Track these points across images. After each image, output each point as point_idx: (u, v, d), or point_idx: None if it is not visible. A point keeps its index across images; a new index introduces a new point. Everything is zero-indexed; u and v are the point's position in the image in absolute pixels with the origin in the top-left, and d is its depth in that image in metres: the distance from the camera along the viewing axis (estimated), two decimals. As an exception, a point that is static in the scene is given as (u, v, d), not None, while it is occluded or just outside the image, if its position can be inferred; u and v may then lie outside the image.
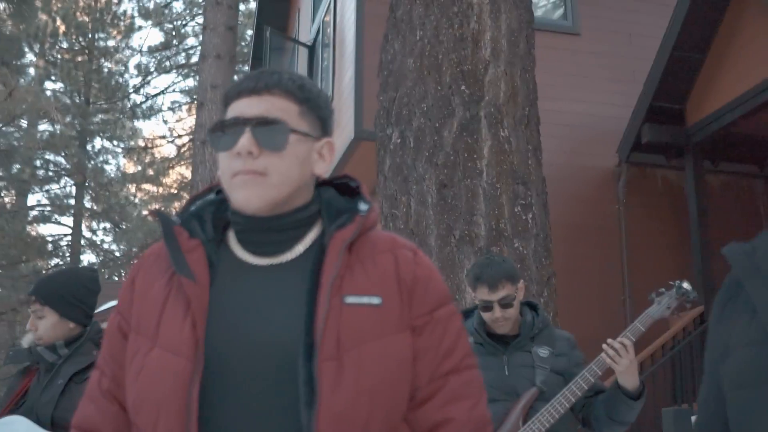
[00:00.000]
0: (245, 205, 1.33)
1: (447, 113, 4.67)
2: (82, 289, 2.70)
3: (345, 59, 8.33)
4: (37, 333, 2.65)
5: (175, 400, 1.25)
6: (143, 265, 1.42)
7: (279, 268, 1.36)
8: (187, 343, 1.27)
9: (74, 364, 2.62)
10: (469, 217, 4.51)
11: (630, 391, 2.76)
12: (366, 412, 1.26)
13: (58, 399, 2.52)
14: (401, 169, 4.73)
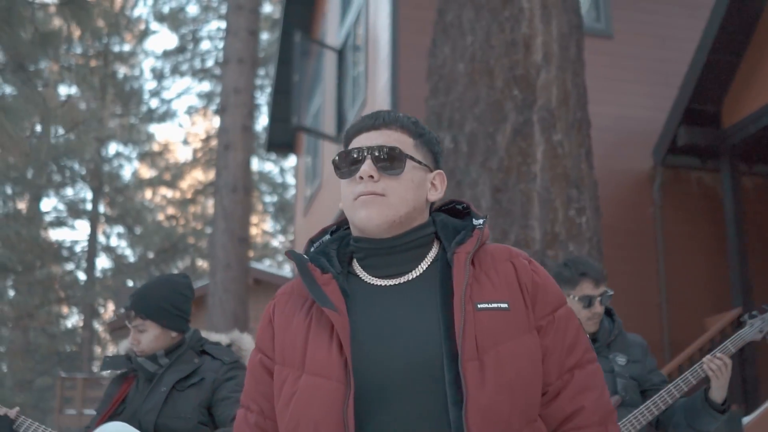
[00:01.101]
0: (367, 222, 1.48)
1: (500, 118, 4.68)
2: (180, 298, 2.71)
3: (379, 64, 8.34)
4: (139, 347, 2.66)
5: (332, 418, 1.38)
6: (278, 304, 1.57)
7: (407, 286, 1.50)
8: (336, 367, 1.40)
9: (176, 372, 2.64)
10: (524, 222, 4.51)
11: (718, 404, 2.77)
12: (508, 406, 1.39)
13: (162, 407, 2.54)
14: (454, 174, 4.74)
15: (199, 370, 2.64)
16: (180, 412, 2.54)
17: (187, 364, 2.67)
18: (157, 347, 2.67)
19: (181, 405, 2.56)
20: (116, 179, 28.99)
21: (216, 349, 2.73)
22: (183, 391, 2.59)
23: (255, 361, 1.56)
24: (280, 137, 14.13)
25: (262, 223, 29.00)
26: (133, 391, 2.69)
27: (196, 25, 28.50)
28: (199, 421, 2.55)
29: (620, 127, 8.21)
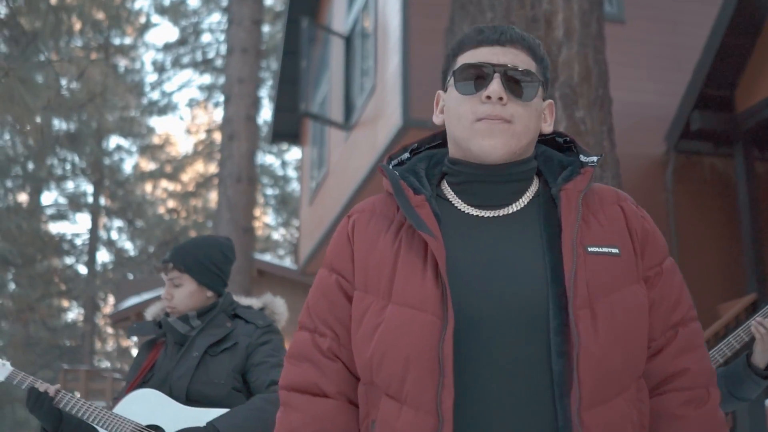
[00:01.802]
0: (490, 152, 1.34)
1: (521, 94, 4.62)
2: (221, 257, 2.62)
3: (389, 48, 8.28)
4: (171, 302, 2.57)
5: (425, 355, 1.25)
6: (357, 222, 1.42)
7: (507, 220, 1.36)
8: (432, 298, 1.27)
9: (209, 336, 2.54)
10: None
11: (761, 370, 2.72)
12: (620, 359, 1.28)
13: (194, 372, 2.46)
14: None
15: (232, 335, 2.55)
16: (213, 378, 2.45)
17: (219, 328, 2.56)
18: (190, 305, 2.57)
19: (214, 370, 2.47)
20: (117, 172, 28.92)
21: (249, 313, 2.63)
22: (216, 356, 2.50)
23: (329, 282, 1.41)
24: (285, 127, 14.06)
25: (264, 215, 28.95)
26: (162, 357, 2.61)
27: (197, 17, 28.40)
28: (233, 387, 2.46)
29: (633, 112, 8.16)
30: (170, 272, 2.57)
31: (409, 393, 1.26)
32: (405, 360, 1.26)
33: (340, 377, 1.38)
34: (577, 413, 1.21)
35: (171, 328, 2.57)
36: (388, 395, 1.29)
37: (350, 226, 1.43)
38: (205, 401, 2.41)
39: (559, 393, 1.23)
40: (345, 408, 1.36)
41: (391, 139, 7.84)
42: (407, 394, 1.26)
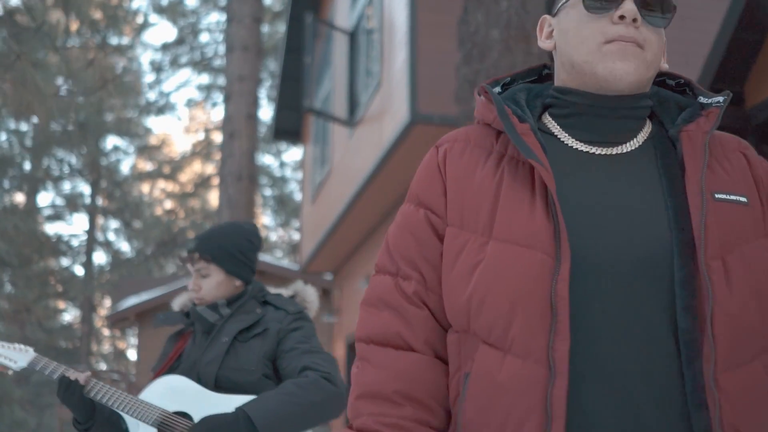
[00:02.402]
0: (621, 76, 1.20)
1: (538, 84, 4.56)
2: (248, 245, 2.56)
3: (395, 44, 8.21)
4: (199, 293, 2.50)
5: (536, 297, 1.10)
6: (450, 153, 1.27)
7: (621, 159, 1.22)
8: (543, 234, 1.12)
9: (238, 322, 2.48)
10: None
11: None
12: (758, 317, 1.15)
13: (223, 358, 2.40)
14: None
15: (262, 321, 2.48)
16: (243, 364, 2.39)
17: (249, 314, 2.50)
18: (218, 295, 2.50)
19: (244, 356, 2.41)
20: (114, 173, 28.82)
21: (279, 300, 2.57)
22: (245, 342, 2.44)
23: (417, 217, 1.25)
24: (287, 125, 13.99)
25: (262, 216, 28.87)
26: (190, 345, 2.55)
27: (195, 17, 28.33)
28: (263, 373, 2.40)
29: (641, 107, 8.11)
30: (197, 263, 2.50)
31: (514, 340, 1.11)
32: (510, 302, 1.11)
33: (426, 327, 1.22)
34: (711, 375, 1.08)
35: (200, 317, 2.50)
36: (487, 343, 1.14)
37: (441, 157, 1.28)
38: (234, 388, 2.36)
39: (688, 353, 1.10)
40: (432, 363, 1.21)
41: (397, 135, 7.78)
42: (512, 340, 1.11)
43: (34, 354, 2.49)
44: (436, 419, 1.20)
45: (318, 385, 2.28)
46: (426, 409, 1.19)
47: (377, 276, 1.28)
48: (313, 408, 2.26)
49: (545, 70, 1.39)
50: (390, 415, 1.17)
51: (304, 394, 2.25)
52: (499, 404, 1.11)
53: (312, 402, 2.26)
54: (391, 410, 1.17)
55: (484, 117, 1.28)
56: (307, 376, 2.31)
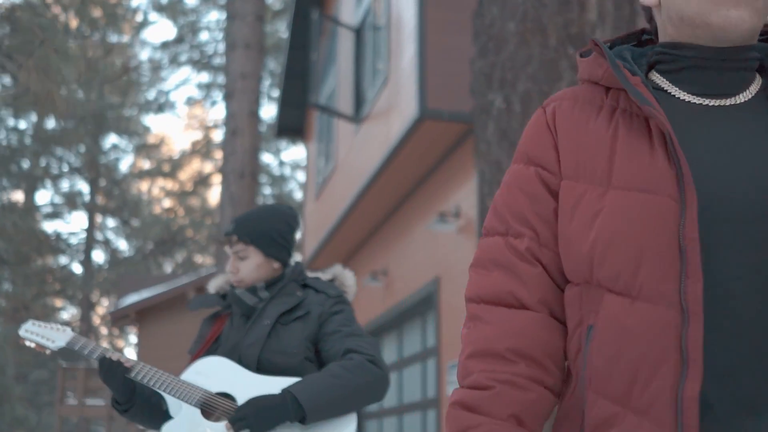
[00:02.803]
0: (737, 23, 1.18)
1: (555, 76, 4.55)
2: (286, 227, 2.54)
3: (403, 39, 8.20)
4: (237, 275, 2.49)
5: (664, 241, 1.08)
6: (559, 109, 1.25)
7: (734, 110, 1.20)
8: (665, 178, 1.10)
9: (280, 304, 2.46)
10: (583, 182, 4.38)
11: None
12: None
13: (265, 341, 2.38)
14: (507, 135, 4.61)
15: (303, 303, 2.47)
16: (285, 347, 2.37)
17: (290, 296, 2.49)
18: (257, 278, 2.49)
19: (286, 339, 2.39)
20: (113, 171, 28.78)
21: (319, 283, 2.56)
22: (287, 324, 2.42)
23: (528, 175, 1.23)
24: (290, 122, 13.97)
25: (262, 215, 28.81)
26: (228, 328, 2.52)
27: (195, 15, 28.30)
28: (305, 356, 2.39)
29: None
30: (235, 245, 2.48)
31: (643, 285, 1.08)
32: (637, 247, 1.09)
33: (541, 284, 1.19)
34: None
35: (238, 300, 2.49)
36: (613, 292, 1.11)
37: (549, 114, 1.26)
38: (276, 370, 2.34)
39: None
40: (547, 321, 1.18)
41: (405, 130, 7.77)
42: (641, 286, 1.08)
43: (72, 333, 2.46)
44: (551, 378, 1.18)
45: (364, 368, 2.29)
46: (540, 367, 1.17)
47: (485, 239, 1.26)
48: (359, 390, 2.26)
49: (644, 35, 1.37)
50: (503, 371, 1.15)
51: (350, 376, 2.25)
52: (629, 352, 1.09)
53: (358, 385, 2.26)
54: (504, 367, 1.15)
55: (591, 75, 1.27)
56: (352, 358, 2.30)
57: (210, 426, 2.24)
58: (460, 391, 1.17)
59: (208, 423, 2.26)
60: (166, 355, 17.73)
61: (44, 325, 2.50)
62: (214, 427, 2.24)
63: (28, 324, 2.53)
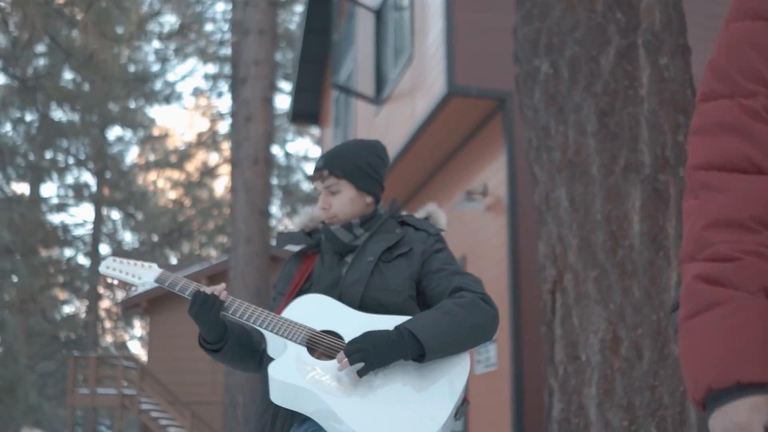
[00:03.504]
0: None
1: (603, 41, 4.52)
2: (378, 160, 2.44)
3: (429, 16, 8.16)
4: (329, 211, 2.39)
5: None
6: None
7: None
8: None
9: (381, 241, 2.37)
10: (633, 145, 4.36)
11: None
12: None
13: (369, 278, 2.29)
14: (555, 99, 4.58)
15: (404, 241, 2.37)
16: (390, 284, 2.28)
17: (390, 233, 2.39)
18: (350, 213, 2.40)
19: (391, 276, 2.29)
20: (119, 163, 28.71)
21: (417, 220, 2.46)
22: (390, 262, 2.32)
23: (757, 29, 1.14)
24: (305, 107, 13.92)
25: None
26: (319, 267, 2.43)
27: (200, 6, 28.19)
28: (409, 294, 2.29)
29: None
30: (326, 179, 2.38)
31: None
32: None
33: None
34: None
35: (333, 237, 2.39)
36: None
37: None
38: (380, 308, 2.25)
39: None
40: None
41: (432, 108, 7.73)
42: None
43: (160, 269, 2.36)
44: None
45: (477, 306, 2.19)
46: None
47: (704, 104, 1.16)
48: (475, 329, 2.17)
49: None
50: (747, 242, 1.06)
51: (465, 314, 2.16)
52: None
53: (474, 323, 2.17)
54: (748, 237, 1.07)
55: None
56: (463, 296, 2.21)
57: (320, 364, 2.12)
58: (698, 264, 1.08)
59: (317, 361, 2.13)
60: (177, 344, 17.71)
61: (127, 261, 2.39)
62: (324, 365, 2.11)
63: (109, 260, 2.41)
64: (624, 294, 4.18)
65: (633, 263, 4.20)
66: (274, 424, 2.25)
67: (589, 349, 4.22)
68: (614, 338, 4.16)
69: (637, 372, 4.08)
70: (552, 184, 4.51)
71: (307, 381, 2.08)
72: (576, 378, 4.26)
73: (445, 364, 2.14)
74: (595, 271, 4.25)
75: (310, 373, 2.10)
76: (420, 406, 2.05)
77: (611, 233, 4.26)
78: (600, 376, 4.16)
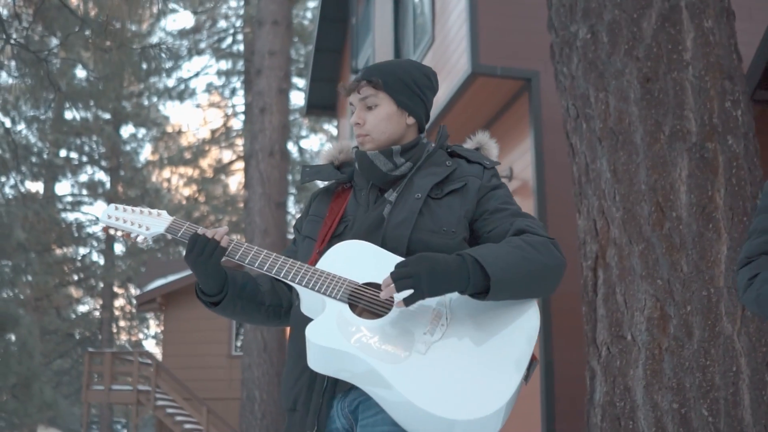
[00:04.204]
0: None
1: (644, 3, 4.28)
2: (425, 80, 2.10)
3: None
4: (363, 127, 2.04)
5: None
6: None
7: None
8: None
9: (431, 175, 2.02)
10: (679, 112, 4.11)
11: None
12: None
13: (417, 218, 1.95)
14: (595, 65, 4.34)
15: (456, 174, 2.05)
16: (442, 225, 1.95)
17: (440, 166, 2.05)
18: (387, 133, 2.03)
19: (443, 216, 1.97)
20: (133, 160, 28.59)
21: (469, 152, 2.12)
22: (441, 199, 1.99)
23: None
24: (320, 99, 13.71)
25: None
26: (354, 206, 2.08)
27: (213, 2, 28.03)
28: (464, 237, 1.97)
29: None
30: (363, 89, 2.03)
31: None
32: None
33: None
34: None
35: (370, 165, 2.04)
36: None
37: None
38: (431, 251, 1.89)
39: None
40: None
41: (455, 90, 7.50)
42: None
43: (171, 218, 2.08)
44: None
45: (548, 248, 1.88)
46: None
47: None
48: (546, 272, 1.86)
49: None
50: None
51: (536, 252, 1.85)
52: None
53: (545, 265, 1.85)
54: None
55: None
56: (531, 236, 1.90)
57: (366, 324, 1.83)
58: None
59: (363, 320, 1.84)
60: (193, 339, 17.55)
61: (131, 209, 2.12)
62: (371, 325, 1.82)
63: (110, 209, 2.12)
64: (672, 269, 3.93)
65: (681, 236, 3.95)
66: (310, 394, 1.93)
67: (634, 327, 3.98)
68: (662, 316, 3.92)
69: (686, 351, 3.84)
70: (592, 155, 4.27)
71: (353, 344, 1.78)
72: (621, 359, 4.02)
73: (511, 314, 1.82)
74: (641, 245, 4.01)
75: (356, 334, 1.80)
76: (486, 369, 1.75)
77: (657, 204, 4.01)
78: (647, 356, 3.92)
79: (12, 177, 24.08)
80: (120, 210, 2.13)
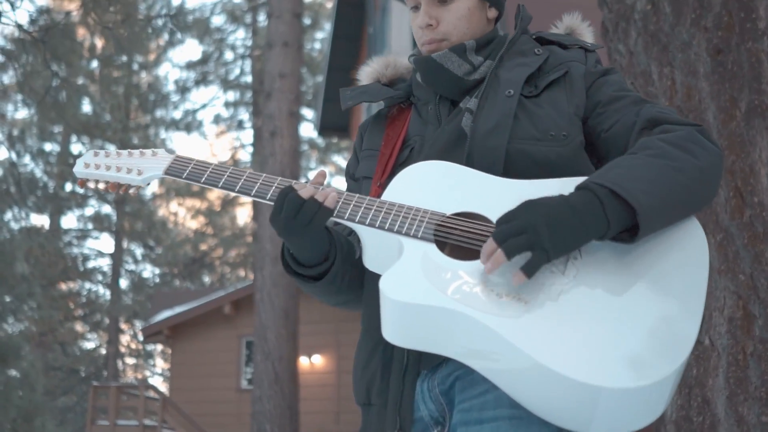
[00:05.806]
0: None
1: (711, -31, 3.84)
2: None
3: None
4: (438, 29, 1.59)
5: None
6: None
7: None
8: None
9: (521, 66, 1.55)
10: (756, 86, 3.64)
11: None
12: None
13: (513, 122, 1.47)
14: (657, 38, 3.89)
15: (552, 61, 1.58)
16: (549, 128, 1.47)
17: (527, 56, 1.59)
18: (470, 33, 1.58)
19: (548, 116, 1.49)
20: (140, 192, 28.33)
21: (561, 36, 1.66)
22: (539, 95, 1.52)
23: None
24: (334, 119, 13.33)
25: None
26: (417, 124, 1.62)
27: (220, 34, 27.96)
28: (580, 140, 1.49)
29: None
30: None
31: None
32: None
33: None
34: None
35: (437, 69, 1.57)
36: None
37: None
38: (536, 169, 1.44)
39: None
40: None
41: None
42: None
43: (170, 156, 1.61)
44: None
45: (697, 141, 1.38)
46: None
47: None
48: (704, 174, 1.35)
49: None
50: None
51: (684, 154, 1.34)
52: None
53: (700, 168, 1.34)
54: None
55: None
56: (670, 130, 1.41)
57: (463, 266, 1.31)
58: None
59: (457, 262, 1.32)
60: (199, 372, 17.00)
61: (117, 152, 1.69)
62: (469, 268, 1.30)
63: (88, 155, 1.66)
64: (755, 261, 3.43)
65: (764, 224, 3.46)
66: (386, 378, 1.41)
67: (713, 330, 3.48)
68: (745, 315, 3.42)
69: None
70: (657, 137, 3.81)
71: (450, 296, 1.24)
72: (698, 367, 3.51)
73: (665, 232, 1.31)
74: (718, 236, 3.52)
75: (452, 282, 1.26)
76: (644, 318, 1.24)
77: (736, 189, 3.54)
78: (729, 362, 3.41)
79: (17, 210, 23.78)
80: (101, 156, 1.67)
